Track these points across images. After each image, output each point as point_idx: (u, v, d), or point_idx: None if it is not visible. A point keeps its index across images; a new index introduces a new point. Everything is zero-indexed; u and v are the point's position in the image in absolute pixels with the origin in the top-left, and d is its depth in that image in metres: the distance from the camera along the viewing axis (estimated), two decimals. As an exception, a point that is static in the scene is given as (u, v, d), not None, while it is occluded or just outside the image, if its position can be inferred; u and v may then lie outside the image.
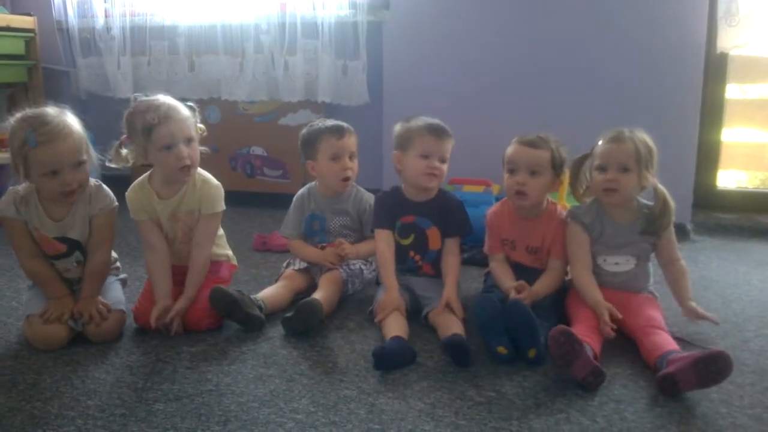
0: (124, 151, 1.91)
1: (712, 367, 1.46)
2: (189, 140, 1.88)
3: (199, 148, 1.93)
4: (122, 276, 2.09)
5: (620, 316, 1.75)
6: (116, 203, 1.91)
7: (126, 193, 1.97)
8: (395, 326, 1.80)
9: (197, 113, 1.96)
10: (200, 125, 1.96)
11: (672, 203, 1.82)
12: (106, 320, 1.82)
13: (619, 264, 1.88)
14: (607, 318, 1.72)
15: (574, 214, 1.91)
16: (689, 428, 1.39)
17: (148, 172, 1.99)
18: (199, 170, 1.97)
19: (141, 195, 1.96)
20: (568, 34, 3.02)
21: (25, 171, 1.74)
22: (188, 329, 1.89)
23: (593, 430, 1.39)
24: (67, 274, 1.90)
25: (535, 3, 3.05)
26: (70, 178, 1.75)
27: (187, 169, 1.89)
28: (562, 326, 1.57)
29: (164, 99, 1.89)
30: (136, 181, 1.99)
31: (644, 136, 1.83)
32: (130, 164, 1.92)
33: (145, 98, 1.89)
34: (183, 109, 1.90)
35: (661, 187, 1.84)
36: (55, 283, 1.86)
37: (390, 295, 1.92)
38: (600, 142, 1.86)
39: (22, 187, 1.82)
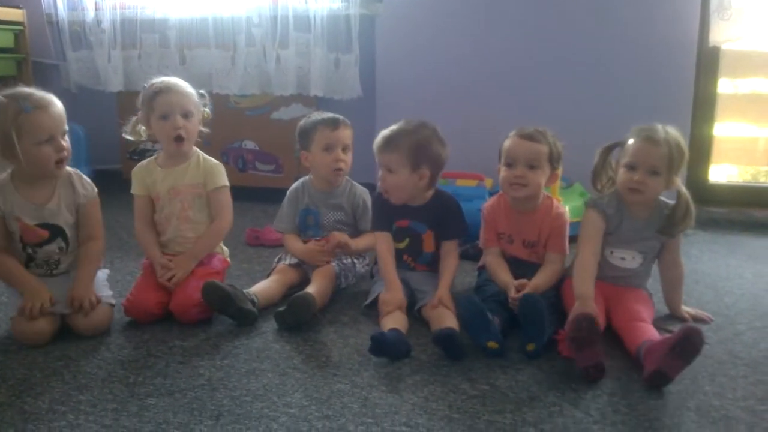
0: (139, 127, 2.05)
1: (688, 346, 1.48)
2: (186, 114, 1.99)
3: (199, 128, 2.04)
4: (106, 270, 2.06)
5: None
6: (96, 192, 1.91)
7: (132, 170, 2.10)
8: (394, 319, 1.80)
9: (206, 100, 2.10)
10: (206, 110, 2.08)
11: (693, 207, 1.79)
12: (94, 310, 1.80)
13: (625, 260, 1.86)
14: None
15: (598, 203, 1.84)
16: (683, 420, 1.40)
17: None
18: (199, 151, 2.08)
19: (144, 168, 2.07)
20: (561, 28, 3.02)
21: (18, 143, 1.70)
22: (179, 320, 1.89)
23: (587, 423, 1.39)
24: (47, 259, 1.86)
25: (528, -2, 3.04)
26: (64, 144, 1.78)
27: (180, 140, 1.98)
28: (588, 313, 1.57)
29: (177, 79, 2.04)
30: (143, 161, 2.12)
31: (678, 139, 1.77)
32: (143, 138, 2.07)
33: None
34: (188, 88, 2.03)
35: (684, 190, 1.81)
36: (24, 274, 1.82)
37: (393, 294, 1.91)
38: (632, 139, 1.80)
39: None
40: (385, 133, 1.96)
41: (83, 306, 1.78)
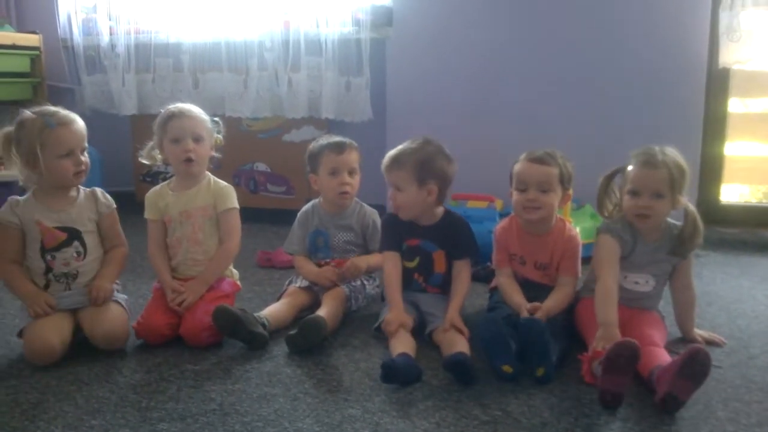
0: (154, 151, 2.10)
1: (697, 367, 1.46)
2: (197, 138, 2.04)
3: (210, 152, 2.09)
4: (122, 296, 2.07)
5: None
6: (115, 206, 1.99)
7: (146, 194, 2.14)
8: (402, 343, 1.80)
9: (220, 126, 2.16)
10: (219, 136, 2.14)
11: (701, 225, 1.79)
12: (105, 301, 1.88)
13: (639, 284, 1.86)
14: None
15: (612, 228, 1.83)
16: (696, 447, 1.39)
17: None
18: (210, 174, 2.12)
19: (157, 193, 2.11)
20: (570, 50, 3.03)
21: (42, 156, 1.81)
22: (189, 344, 1.90)
23: (600, 450, 1.38)
24: (65, 268, 1.89)
25: (537, 20, 3.06)
26: (83, 159, 1.89)
27: (189, 163, 2.03)
28: (634, 343, 1.51)
29: (191, 106, 2.11)
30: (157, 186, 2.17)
31: (676, 158, 1.77)
32: (158, 163, 2.13)
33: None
34: (202, 114, 2.09)
35: (692, 207, 1.81)
36: (26, 283, 1.89)
37: (394, 313, 1.92)
38: (631, 165, 1.80)
39: (21, 198, 1.90)
40: (391, 152, 2.00)
41: (97, 298, 1.87)
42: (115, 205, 1.99)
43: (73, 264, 1.90)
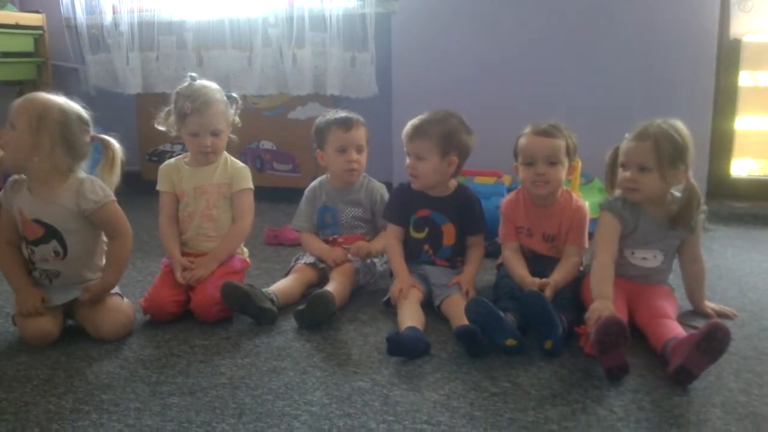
0: (171, 118, 2.06)
1: (714, 342, 1.45)
2: (216, 133, 2.02)
3: (228, 137, 2.08)
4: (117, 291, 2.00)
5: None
6: (113, 197, 1.85)
7: (159, 167, 2.12)
8: (411, 316, 1.80)
9: (238, 103, 2.13)
10: (236, 118, 2.11)
11: (698, 199, 1.77)
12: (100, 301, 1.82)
13: (647, 259, 1.84)
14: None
15: (613, 206, 1.82)
16: (708, 417, 1.38)
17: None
18: (226, 153, 2.11)
19: (172, 166, 2.11)
20: (579, 23, 2.99)
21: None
22: (199, 319, 1.90)
23: (611, 420, 1.37)
24: (45, 264, 1.83)
25: (544, -8, 3.02)
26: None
27: (206, 154, 2.04)
28: (617, 316, 1.53)
29: (206, 90, 2.03)
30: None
31: (671, 131, 1.73)
32: (173, 133, 2.07)
33: (194, 83, 2.04)
34: (219, 104, 2.04)
35: (692, 182, 1.77)
36: (18, 273, 1.83)
37: (400, 279, 1.95)
38: (626, 136, 1.80)
39: (20, 178, 1.83)
40: (414, 122, 2.00)
41: (85, 296, 1.80)
42: (109, 198, 1.82)
43: (51, 262, 1.83)
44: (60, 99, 1.79)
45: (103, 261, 1.90)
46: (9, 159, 1.77)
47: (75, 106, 1.81)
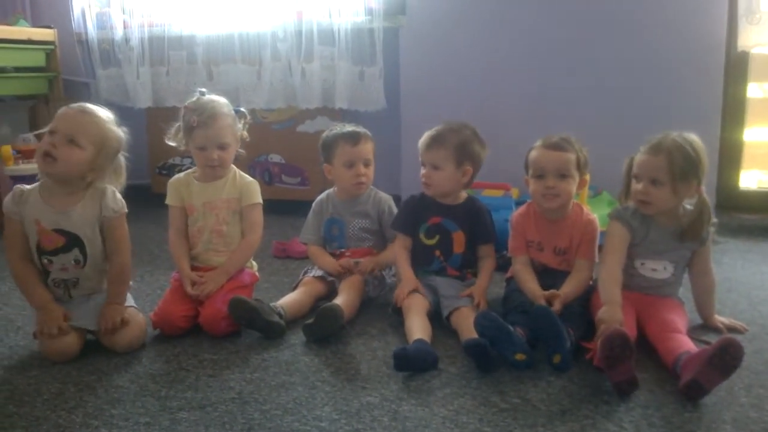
0: (180, 134, 2.07)
1: (727, 357, 1.44)
2: (223, 147, 2.03)
3: (235, 151, 2.09)
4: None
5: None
6: (126, 210, 1.88)
7: (169, 181, 2.13)
8: (418, 328, 1.80)
9: (246, 118, 2.14)
10: (244, 132, 2.12)
11: (709, 212, 1.77)
12: (125, 327, 1.81)
13: (657, 270, 1.84)
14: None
15: (622, 215, 1.83)
16: (719, 433, 1.37)
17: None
18: (235, 167, 2.12)
19: (181, 180, 2.11)
20: (586, 36, 3.00)
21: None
22: (208, 333, 1.91)
23: (620, 436, 1.37)
24: (63, 274, 1.84)
25: (551, 6, 3.03)
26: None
27: (213, 168, 2.04)
28: (620, 329, 1.53)
29: (213, 104, 2.05)
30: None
31: (686, 147, 1.73)
32: (182, 148, 2.09)
33: (202, 98, 2.06)
34: (226, 118, 2.05)
35: (704, 195, 1.78)
36: (38, 289, 1.81)
37: (404, 282, 1.99)
38: (640, 149, 1.81)
39: (27, 188, 1.82)
40: (430, 132, 2.05)
41: (114, 326, 1.79)
42: (125, 210, 1.86)
43: (72, 271, 1.83)
44: (111, 117, 1.93)
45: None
46: (63, 171, 1.77)
47: (121, 132, 1.91)
